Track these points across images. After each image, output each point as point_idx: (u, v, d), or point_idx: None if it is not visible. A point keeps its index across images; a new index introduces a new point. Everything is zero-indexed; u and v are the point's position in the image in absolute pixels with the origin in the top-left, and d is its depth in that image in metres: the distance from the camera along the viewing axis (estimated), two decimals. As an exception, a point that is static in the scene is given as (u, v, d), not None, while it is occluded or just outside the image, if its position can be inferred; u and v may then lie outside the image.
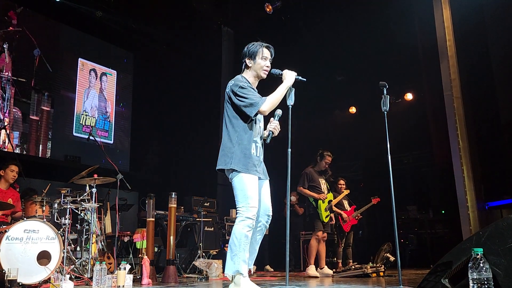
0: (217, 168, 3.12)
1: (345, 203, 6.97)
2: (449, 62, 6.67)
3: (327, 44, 8.49)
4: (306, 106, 9.17)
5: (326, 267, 5.74)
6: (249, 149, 3.07)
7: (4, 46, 7.39)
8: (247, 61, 3.24)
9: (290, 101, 3.26)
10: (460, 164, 6.44)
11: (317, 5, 7.84)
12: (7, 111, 7.33)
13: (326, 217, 5.78)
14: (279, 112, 3.23)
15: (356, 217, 6.81)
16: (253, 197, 2.98)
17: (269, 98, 3.10)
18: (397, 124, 7.64)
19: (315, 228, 5.75)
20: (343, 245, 6.73)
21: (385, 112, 3.58)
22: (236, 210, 3.04)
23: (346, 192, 6.67)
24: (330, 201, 5.90)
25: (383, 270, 5.39)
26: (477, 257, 1.67)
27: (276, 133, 3.19)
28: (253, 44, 3.25)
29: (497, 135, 6.63)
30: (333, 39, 8.38)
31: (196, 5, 7.99)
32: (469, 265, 1.68)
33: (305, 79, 3.25)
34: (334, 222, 6.46)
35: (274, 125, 3.17)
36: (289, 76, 3.20)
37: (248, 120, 3.09)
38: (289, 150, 3.13)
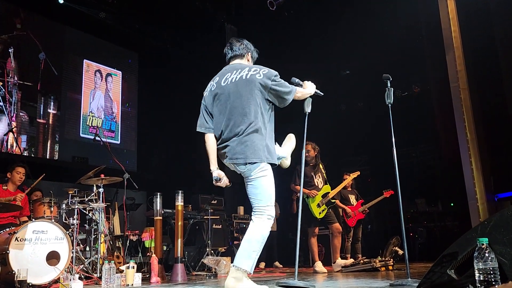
0: (248, 161, 2.84)
1: (352, 197, 6.93)
2: (455, 54, 6.60)
3: (331, 39, 8.45)
4: (311, 101, 9.16)
5: (339, 259, 5.71)
6: (273, 142, 3.07)
7: (10, 50, 7.45)
8: (249, 56, 3.22)
9: (308, 109, 3.52)
10: (468, 156, 6.38)
11: (320, 1, 7.81)
12: (14, 115, 7.40)
13: (320, 213, 5.69)
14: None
15: (363, 212, 6.78)
16: (274, 196, 2.99)
17: (299, 89, 3.16)
18: (404, 117, 7.61)
19: (309, 224, 5.75)
20: (350, 239, 6.71)
21: (390, 105, 3.56)
22: (258, 207, 2.89)
23: (346, 181, 6.47)
24: (326, 194, 5.76)
25: (392, 263, 5.36)
26: (483, 247, 1.66)
27: None
28: (256, 50, 3.30)
29: (505, 126, 6.55)
30: (337, 34, 8.34)
31: (199, 3, 7.98)
32: (475, 255, 1.66)
33: (322, 93, 3.33)
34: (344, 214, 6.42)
35: None
36: (310, 87, 3.32)
37: (282, 106, 3.08)
38: (303, 151, 3.58)
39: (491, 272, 1.65)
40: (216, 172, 2.95)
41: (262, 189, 2.89)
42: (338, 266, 5.58)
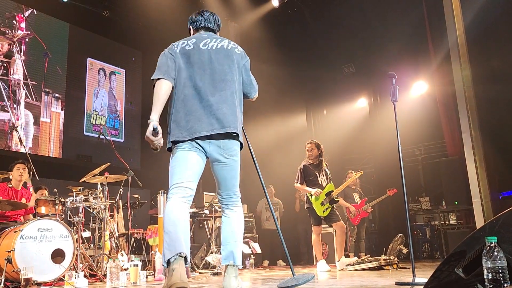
0: (233, 131, 2.56)
1: (356, 196, 6.92)
2: (459, 51, 6.58)
3: (335, 37, 8.44)
4: (315, 99, 9.15)
5: (343, 257, 5.70)
6: None
7: (14, 50, 7.46)
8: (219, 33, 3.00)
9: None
10: (472, 154, 6.37)
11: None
12: (19, 113, 7.41)
13: (324, 211, 5.66)
14: None
15: (367, 210, 6.77)
16: None
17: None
18: (408, 115, 7.58)
19: (313, 223, 5.74)
20: (354, 238, 6.70)
21: (394, 103, 3.55)
22: (237, 193, 2.69)
23: (351, 180, 6.38)
24: (330, 192, 5.73)
25: (396, 262, 5.34)
26: (491, 245, 1.64)
27: None
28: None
29: (510, 125, 6.53)
30: (340, 32, 8.33)
31: (202, 0, 7.98)
32: (483, 253, 1.65)
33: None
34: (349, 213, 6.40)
35: None
36: None
37: (248, 94, 2.84)
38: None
39: (500, 271, 1.63)
40: (157, 122, 2.55)
41: (238, 169, 2.66)
42: (342, 264, 5.57)
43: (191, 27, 2.96)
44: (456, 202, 7.73)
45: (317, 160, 5.81)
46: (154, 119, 2.55)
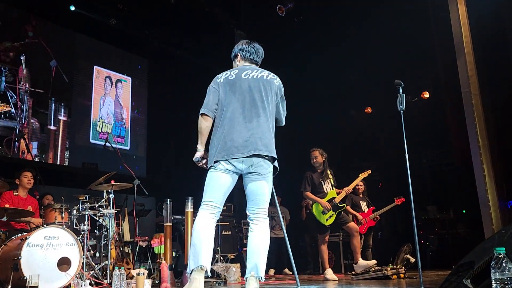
0: (271, 155, 2.88)
1: (363, 204, 6.88)
2: (466, 59, 6.55)
3: (341, 44, 8.43)
4: (320, 106, 9.13)
5: (360, 259, 5.64)
6: None
7: (21, 58, 7.54)
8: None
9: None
10: (480, 162, 6.31)
11: (330, 6, 7.79)
12: (26, 121, 7.47)
13: (327, 220, 5.62)
14: None
15: (375, 219, 6.72)
16: None
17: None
18: (415, 123, 7.54)
19: (319, 231, 5.71)
20: (361, 247, 6.64)
21: (402, 111, 3.54)
22: (264, 209, 2.88)
23: (355, 183, 6.17)
24: (332, 199, 5.66)
25: (403, 271, 5.30)
26: (500, 256, 1.62)
27: None
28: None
29: (519, 133, 6.48)
30: (346, 39, 8.32)
31: (208, 9, 8.01)
32: (492, 264, 1.63)
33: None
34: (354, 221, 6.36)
35: None
36: None
37: (278, 121, 3.18)
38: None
39: (509, 282, 1.61)
40: (200, 153, 3.03)
41: (269, 189, 2.91)
42: (360, 267, 5.50)
43: (239, 54, 3.20)
44: (464, 211, 7.67)
45: (322, 168, 5.79)
46: (199, 149, 3.03)
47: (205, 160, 2.99)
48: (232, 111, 2.90)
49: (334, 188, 5.79)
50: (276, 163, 2.93)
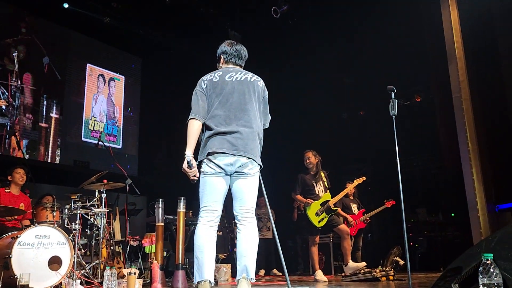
0: (253, 158, 2.87)
1: (354, 206, 6.94)
2: (457, 64, 6.62)
3: (334, 47, 8.48)
4: (313, 109, 9.17)
5: (351, 261, 5.68)
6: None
7: (14, 54, 7.48)
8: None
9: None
10: (469, 166, 6.39)
11: (324, 8, 7.84)
12: (17, 118, 7.42)
13: (319, 222, 5.66)
14: None
15: (365, 221, 6.77)
16: None
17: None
18: (405, 126, 7.62)
19: (310, 233, 5.75)
20: (351, 248, 6.69)
21: (393, 116, 3.58)
22: (251, 208, 2.92)
23: (347, 189, 6.35)
24: (326, 202, 5.73)
25: (392, 274, 5.35)
26: (487, 262, 1.66)
27: None
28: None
29: (507, 137, 6.56)
30: (340, 42, 8.37)
31: (203, 9, 8.02)
32: (480, 270, 1.67)
33: None
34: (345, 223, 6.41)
35: None
36: None
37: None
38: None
39: (496, 287, 1.65)
40: (191, 157, 2.89)
41: (256, 188, 2.94)
42: (350, 268, 5.54)
43: (221, 56, 3.18)
44: (453, 214, 7.77)
45: (315, 170, 5.83)
46: (188, 154, 2.89)
47: (195, 168, 2.89)
48: (217, 114, 2.91)
49: (328, 190, 5.83)
50: (260, 162, 2.95)
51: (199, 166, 2.92)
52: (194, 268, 2.82)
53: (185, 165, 2.87)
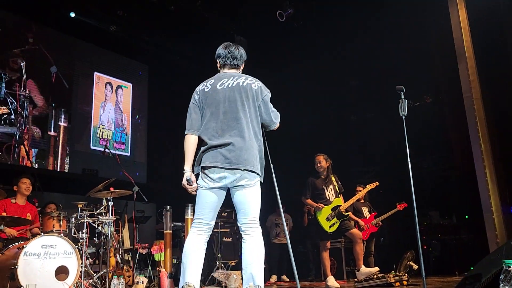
0: (249, 169, 2.78)
1: (365, 210, 6.82)
2: (467, 64, 6.52)
3: (340, 49, 8.42)
4: (320, 111, 9.09)
5: (363, 266, 5.56)
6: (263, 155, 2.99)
7: (22, 64, 7.51)
8: (242, 67, 3.20)
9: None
10: (482, 167, 6.26)
11: (329, 11, 7.77)
12: (26, 128, 7.43)
13: (330, 227, 5.55)
14: None
15: (377, 224, 6.65)
16: None
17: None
18: (416, 127, 7.47)
19: (320, 238, 5.64)
20: (363, 253, 6.58)
21: (403, 117, 3.50)
22: (255, 218, 2.85)
23: (359, 194, 6.28)
24: (337, 207, 5.63)
25: (406, 278, 5.23)
26: (509, 269, 1.57)
27: None
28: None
29: (521, 137, 6.43)
30: (346, 44, 8.30)
31: (208, 15, 8.00)
32: (501, 277, 1.58)
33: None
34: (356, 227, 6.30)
35: None
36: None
37: (267, 125, 3.02)
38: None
39: (518, 295, 1.56)
40: (190, 173, 2.91)
41: (257, 200, 2.84)
42: (363, 274, 5.43)
43: (217, 60, 3.15)
44: (467, 216, 7.61)
45: (325, 173, 5.73)
46: (187, 170, 2.92)
47: (195, 183, 2.90)
48: (210, 126, 2.87)
49: (340, 195, 5.72)
50: (258, 171, 2.85)
51: (197, 178, 2.93)
52: (181, 274, 2.81)
53: (184, 182, 2.90)
